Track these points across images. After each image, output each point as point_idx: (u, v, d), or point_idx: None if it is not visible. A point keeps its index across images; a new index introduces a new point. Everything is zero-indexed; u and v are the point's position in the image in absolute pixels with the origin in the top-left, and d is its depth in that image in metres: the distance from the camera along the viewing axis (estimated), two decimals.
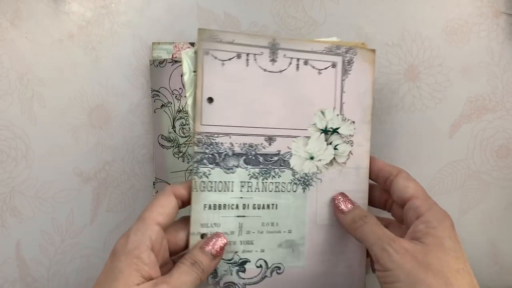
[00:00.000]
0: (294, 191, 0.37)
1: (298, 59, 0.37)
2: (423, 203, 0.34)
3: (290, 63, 0.37)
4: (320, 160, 0.38)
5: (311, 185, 0.38)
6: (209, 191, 0.36)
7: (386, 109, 0.46)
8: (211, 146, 0.36)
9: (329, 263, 0.38)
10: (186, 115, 0.44)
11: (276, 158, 0.37)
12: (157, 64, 0.44)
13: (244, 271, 0.37)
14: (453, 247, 0.32)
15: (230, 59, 0.36)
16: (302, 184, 0.38)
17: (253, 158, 0.37)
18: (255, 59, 0.36)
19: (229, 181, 0.36)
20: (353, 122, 0.38)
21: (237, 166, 0.36)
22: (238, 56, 0.36)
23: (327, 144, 0.38)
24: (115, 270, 0.30)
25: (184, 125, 0.44)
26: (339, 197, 0.38)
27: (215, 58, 0.35)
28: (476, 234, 0.47)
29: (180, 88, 0.44)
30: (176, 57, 0.44)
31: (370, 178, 0.39)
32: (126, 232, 0.32)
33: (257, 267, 0.37)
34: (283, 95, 0.37)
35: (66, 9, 0.45)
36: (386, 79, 0.46)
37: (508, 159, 0.47)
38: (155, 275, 0.31)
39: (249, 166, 0.37)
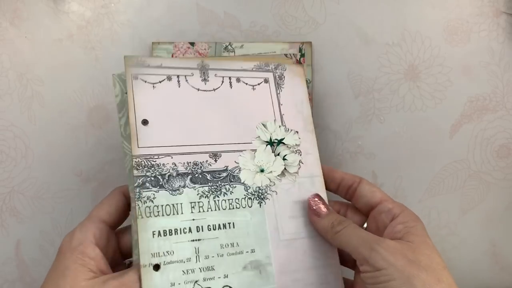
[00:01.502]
0: (250, 207, 0.35)
1: (230, 77, 0.38)
2: (395, 205, 0.35)
3: (223, 82, 0.37)
4: (271, 172, 0.37)
5: (267, 198, 0.36)
6: (156, 216, 0.32)
7: (386, 109, 0.46)
8: (152, 168, 0.33)
9: (302, 282, 0.35)
10: None
11: (224, 174, 0.35)
12: None
13: None
14: (433, 246, 0.32)
15: (160, 81, 0.36)
16: (257, 198, 0.36)
17: (200, 176, 0.35)
18: (186, 80, 0.36)
19: (177, 203, 0.33)
20: (297, 132, 0.38)
21: (183, 187, 0.34)
22: (169, 78, 0.36)
23: (275, 155, 0.38)
24: (61, 267, 0.30)
25: None
26: (315, 199, 0.37)
27: (145, 81, 0.35)
28: (476, 234, 0.47)
29: None
30: (176, 57, 0.44)
31: (329, 189, 0.38)
32: (72, 230, 0.32)
33: None
34: (221, 111, 0.37)
35: (65, 8, 0.45)
36: (386, 79, 0.46)
37: (509, 159, 0.47)
38: (105, 269, 0.31)
39: (197, 185, 0.34)
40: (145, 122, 0.34)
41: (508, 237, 0.48)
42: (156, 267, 0.31)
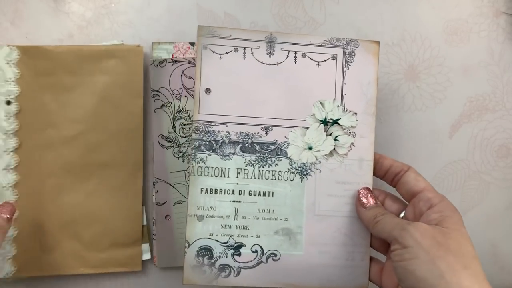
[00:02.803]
0: (291, 180, 0.38)
1: (295, 52, 0.39)
2: (435, 195, 0.35)
3: (288, 56, 0.39)
4: (319, 150, 0.39)
5: (309, 175, 0.38)
6: (206, 176, 0.38)
7: (386, 109, 0.46)
8: (208, 134, 0.38)
9: (329, 254, 0.38)
10: (186, 115, 0.44)
11: (272, 147, 0.38)
12: (157, 64, 0.44)
13: (239, 255, 0.38)
14: (468, 235, 0.33)
15: (227, 53, 0.38)
16: (300, 174, 0.38)
17: (250, 146, 0.38)
18: (252, 53, 0.38)
19: (225, 167, 0.38)
20: (355, 113, 0.39)
21: (233, 154, 0.38)
22: (235, 50, 0.38)
23: (327, 135, 0.39)
24: None
25: (184, 125, 0.44)
26: (364, 192, 0.38)
27: (213, 52, 0.38)
28: (476, 234, 0.47)
29: (180, 88, 0.44)
30: (176, 57, 0.44)
31: (377, 175, 0.39)
32: None
33: (253, 252, 0.38)
34: (280, 86, 0.38)
35: (66, 9, 0.45)
36: (386, 79, 0.46)
37: (508, 159, 0.47)
38: None
39: (245, 154, 0.38)
40: (208, 90, 0.38)
41: (508, 237, 0.48)
42: (200, 218, 0.38)
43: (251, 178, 0.38)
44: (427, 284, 0.30)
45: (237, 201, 0.38)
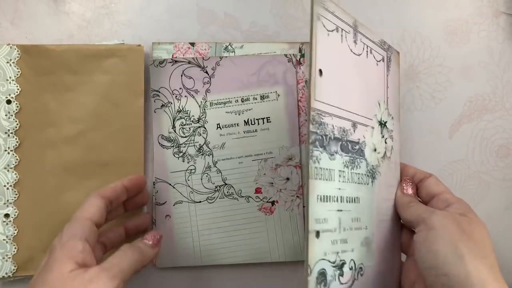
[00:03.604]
0: (367, 184, 0.33)
1: (367, 46, 0.35)
2: (452, 196, 0.37)
3: (363, 49, 0.34)
4: (379, 152, 0.35)
5: (376, 178, 0.34)
6: (320, 179, 0.29)
7: None
8: (321, 127, 0.30)
9: (388, 260, 0.35)
10: (186, 115, 0.44)
11: (357, 147, 0.33)
12: (157, 64, 0.44)
13: (342, 275, 0.30)
14: (487, 232, 0.34)
15: (332, 30, 0.31)
16: (371, 177, 0.34)
17: (346, 144, 0.32)
18: (345, 37, 0.32)
19: (332, 169, 0.30)
20: (393, 117, 0.38)
21: (336, 152, 0.31)
22: (337, 29, 0.32)
23: (382, 137, 0.36)
24: (50, 262, 0.31)
25: (184, 125, 0.44)
26: (408, 180, 0.38)
27: (324, 26, 0.30)
28: None
29: (180, 88, 0.44)
30: (176, 57, 0.44)
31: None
32: (61, 231, 0.34)
33: (350, 269, 0.31)
34: (362, 80, 0.34)
35: (66, 9, 0.45)
36: None
37: (508, 159, 0.47)
38: (91, 263, 0.32)
39: (343, 153, 0.31)
40: (320, 72, 0.30)
41: (508, 237, 0.48)
42: (317, 234, 0.29)
43: (347, 182, 0.31)
44: (446, 262, 0.30)
45: (340, 210, 0.30)
